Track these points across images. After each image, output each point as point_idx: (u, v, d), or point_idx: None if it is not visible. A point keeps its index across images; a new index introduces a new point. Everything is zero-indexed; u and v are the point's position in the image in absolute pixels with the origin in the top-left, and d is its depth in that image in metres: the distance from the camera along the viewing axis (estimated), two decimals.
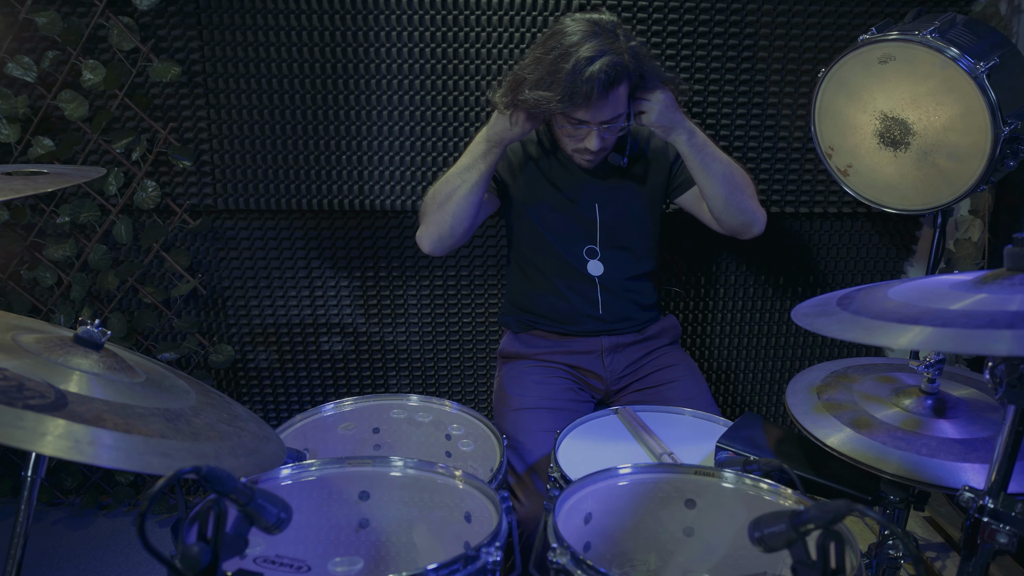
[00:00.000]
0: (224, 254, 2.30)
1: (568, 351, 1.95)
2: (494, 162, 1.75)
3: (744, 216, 1.80)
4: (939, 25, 1.74)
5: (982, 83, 1.65)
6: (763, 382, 2.48)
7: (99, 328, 1.17)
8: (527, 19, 2.09)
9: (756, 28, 2.12)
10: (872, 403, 1.37)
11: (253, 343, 2.38)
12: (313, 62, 2.11)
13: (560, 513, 1.24)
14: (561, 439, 1.60)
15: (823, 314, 1.12)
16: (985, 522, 1.05)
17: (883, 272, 2.37)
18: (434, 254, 1.86)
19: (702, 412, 1.72)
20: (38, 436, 0.92)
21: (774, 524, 0.91)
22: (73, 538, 2.32)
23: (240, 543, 0.91)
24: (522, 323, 2.00)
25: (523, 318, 1.99)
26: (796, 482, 1.29)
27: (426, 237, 1.83)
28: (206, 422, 1.15)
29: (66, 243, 2.21)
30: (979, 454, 1.22)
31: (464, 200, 1.76)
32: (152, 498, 0.83)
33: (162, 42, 2.10)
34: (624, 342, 1.96)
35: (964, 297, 1.02)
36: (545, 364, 1.96)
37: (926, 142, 1.80)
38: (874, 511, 0.90)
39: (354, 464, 1.37)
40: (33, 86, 2.10)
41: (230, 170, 2.20)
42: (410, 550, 1.40)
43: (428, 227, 1.82)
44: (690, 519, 1.35)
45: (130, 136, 2.13)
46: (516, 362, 1.99)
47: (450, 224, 1.78)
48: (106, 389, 1.08)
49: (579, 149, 1.76)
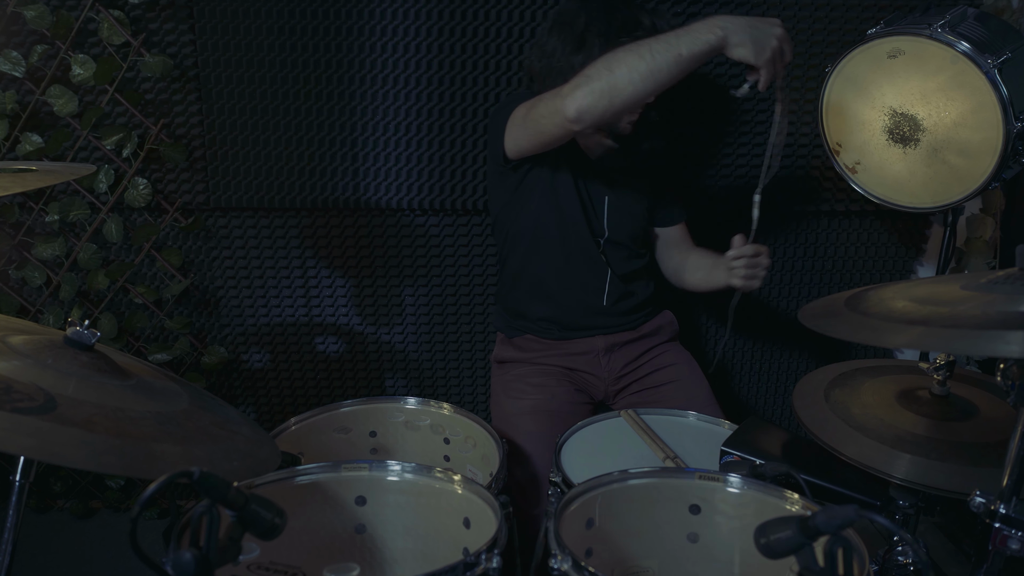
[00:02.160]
0: (217, 253, 2.28)
1: (565, 353, 1.94)
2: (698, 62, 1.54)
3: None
4: (949, 19, 1.73)
5: (993, 78, 1.65)
6: (769, 384, 2.47)
7: (89, 329, 1.16)
8: (526, 13, 2.07)
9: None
10: (881, 406, 1.37)
11: (247, 344, 2.36)
12: (308, 56, 2.09)
13: (561, 518, 1.23)
14: (563, 443, 1.60)
15: (830, 315, 1.12)
16: (997, 527, 1.04)
17: (892, 272, 2.36)
18: (576, 125, 1.58)
19: (706, 415, 1.71)
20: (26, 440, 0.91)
21: (780, 530, 0.90)
22: (62, 544, 2.30)
23: (233, 549, 0.90)
24: (515, 327, 1.99)
25: (516, 322, 1.98)
26: (803, 487, 1.28)
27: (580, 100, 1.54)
28: (198, 425, 1.14)
29: (55, 242, 2.18)
30: (991, 458, 1.22)
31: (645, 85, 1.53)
32: (143, 503, 0.83)
33: (153, 36, 2.08)
34: (620, 340, 1.94)
35: (976, 298, 1.01)
36: (541, 367, 1.94)
37: (936, 138, 1.79)
38: (883, 517, 0.88)
39: (350, 469, 1.36)
40: (21, 81, 2.07)
41: (223, 167, 2.17)
42: (408, 556, 1.39)
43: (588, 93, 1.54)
44: (695, 525, 1.34)
45: (121, 132, 2.10)
46: (511, 366, 1.98)
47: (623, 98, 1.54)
48: (96, 392, 1.07)
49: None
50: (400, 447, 1.72)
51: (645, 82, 1.53)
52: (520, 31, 2.08)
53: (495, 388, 1.99)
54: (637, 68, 1.52)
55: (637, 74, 1.52)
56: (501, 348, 2.03)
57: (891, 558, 1.38)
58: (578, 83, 1.56)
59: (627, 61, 1.53)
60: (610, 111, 1.56)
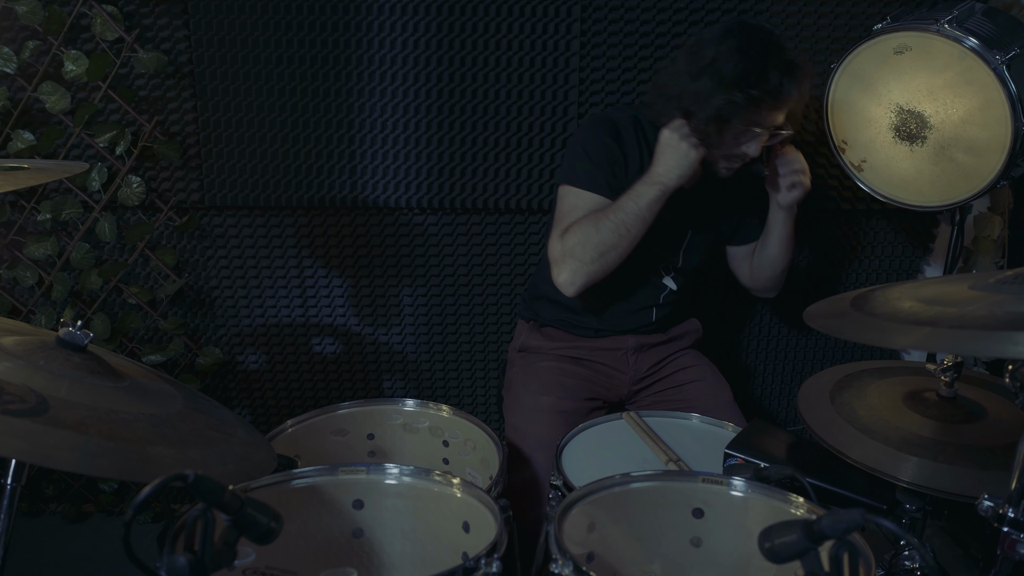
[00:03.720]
0: (212, 252, 2.27)
1: (594, 347, 1.94)
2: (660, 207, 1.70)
3: (777, 286, 2.00)
4: (957, 14, 1.73)
5: (1002, 75, 1.64)
6: (773, 386, 2.47)
7: (81, 330, 1.16)
8: (526, 9, 2.06)
9: (767, 17, 2.11)
10: (888, 408, 1.36)
11: (242, 345, 2.35)
12: (304, 52, 2.08)
13: (562, 522, 1.23)
14: (564, 445, 1.60)
15: (836, 315, 1.12)
16: (1005, 532, 1.03)
17: (899, 271, 2.36)
18: (580, 291, 1.75)
19: (710, 417, 1.70)
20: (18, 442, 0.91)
21: (785, 534, 0.90)
22: (54, 549, 2.29)
23: (229, 554, 0.90)
24: (546, 317, 1.97)
25: (551, 314, 1.96)
26: (808, 490, 1.28)
27: (578, 283, 1.72)
28: (193, 428, 1.15)
29: (47, 241, 2.17)
30: (999, 461, 1.21)
31: (628, 250, 1.71)
32: (137, 507, 0.83)
33: (147, 32, 2.07)
34: (650, 342, 1.95)
35: (984, 298, 1.00)
36: (566, 359, 1.93)
37: (943, 136, 1.79)
38: (889, 521, 0.88)
39: (347, 472, 1.35)
40: (13, 78, 2.06)
41: (218, 165, 2.16)
42: (406, 561, 1.39)
43: (582, 276, 1.71)
44: (698, 529, 1.33)
45: (114, 130, 2.09)
46: (536, 357, 1.96)
47: (607, 272, 1.73)
48: (89, 393, 1.08)
49: (735, 155, 1.73)
50: (398, 450, 1.72)
51: (628, 250, 1.71)
52: (520, 27, 2.07)
53: (513, 379, 1.97)
54: (620, 242, 1.69)
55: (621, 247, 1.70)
56: (527, 336, 2.00)
57: (898, 563, 1.37)
58: (566, 263, 1.72)
59: (610, 241, 1.69)
60: (603, 275, 1.73)
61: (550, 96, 2.12)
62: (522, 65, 2.09)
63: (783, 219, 1.85)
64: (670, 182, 1.67)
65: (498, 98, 2.11)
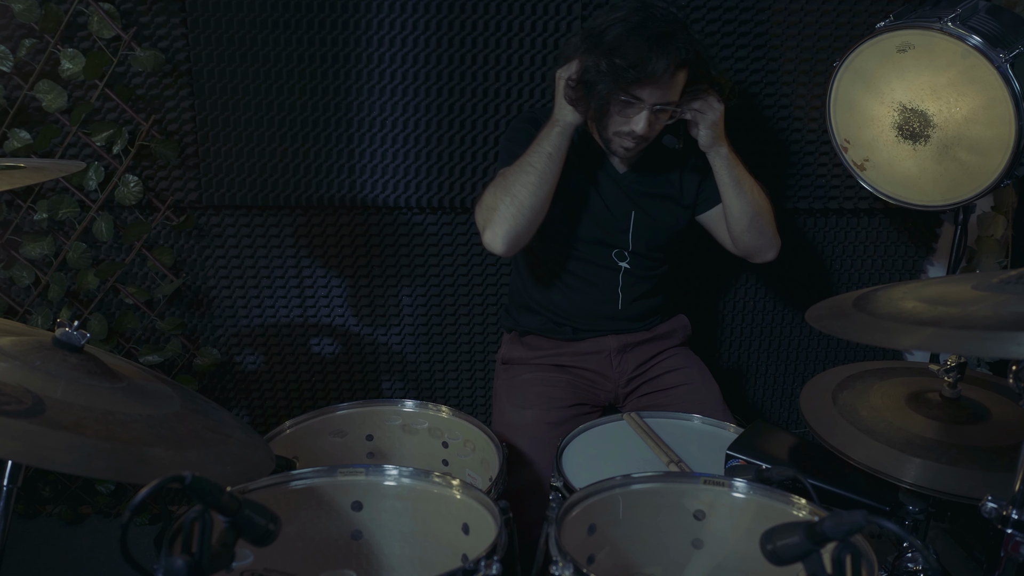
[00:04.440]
0: (210, 252, 2.26)
1: (576, 352, 1.93)
2: (563, 144, 1.72)
3: (763, 239, 1.86)
4: (960, 12, 1.72)
5: (1005, 73, 1.63)
6: (775, 387, 2.46)
7: (78, 330, 1.16)
8: (527, 7, 2.06)
9: (769, 15, 2.10)
10: (890, 409, 1.36)
11: (240, 346, 2.35)
12: (303, 50, 2.07)
13: (563, 524, 1.23)
14: (564, 447, 1.59)
15: (839, 315, 1.12)
16: (1009, 533, 1.03)
17: (902, 271, 2.36)
18: (509, 254, 1.79)
19: (712, 419, 1.70)
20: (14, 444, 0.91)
21: (787, 536, 0.90)
22: (51, 551, 2.29)
23: (226, 556, 0.90)
24: (526, 326, 1.97)
25: (528, 321, 1.97)
26: (810, 492, 1.27)
27: (500, 233, 1.73)
28: (191, 429, 1.15)
29: (44, 241, 2.17)
30: (1003, 462, 1.21)
31: (541, 190, 1.71)
32: (134, 509, 0.83)
33: (145, 29, 2.06)
34: (633, 341, 1.94)
35: (987, 298, 1.00)
36: (549, 368, 1.93)
37: (947, 135, 1.78)
38: (892, 522, 0.88)
39: (346, 473, 1.35)
40: (9, 76, 2.06)
41: (216, 164, 2.15)
42: (405, 563, 1.38)
43: (501, 225, 1.73)
44: (699, 530, 1.33)
45: (111, 128, 2.09)
46: (518, 369, 1.96)
47: (529, 220, 1.72)
48: (86, 394, 1.08)
49: (623, 132, 1.74)
50: (397, 451, 1.72)
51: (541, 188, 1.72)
52: (520, 25, 2.07)
53: (498, 391, 1.98)
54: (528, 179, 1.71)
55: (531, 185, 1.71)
56: (509, 347, 2.01)
57: (900, 565, 1.36)
58: (488, 219, 1.74)
59: (520, 180, 1.72)
60: (531, 226, 1.74)
61: (550, 96, 2.11)
62: (522, 64, 2.08)
63: (716, 165, 1.79)
64: (566, 117, 1.71)
65: (498, 97, 2.10)
